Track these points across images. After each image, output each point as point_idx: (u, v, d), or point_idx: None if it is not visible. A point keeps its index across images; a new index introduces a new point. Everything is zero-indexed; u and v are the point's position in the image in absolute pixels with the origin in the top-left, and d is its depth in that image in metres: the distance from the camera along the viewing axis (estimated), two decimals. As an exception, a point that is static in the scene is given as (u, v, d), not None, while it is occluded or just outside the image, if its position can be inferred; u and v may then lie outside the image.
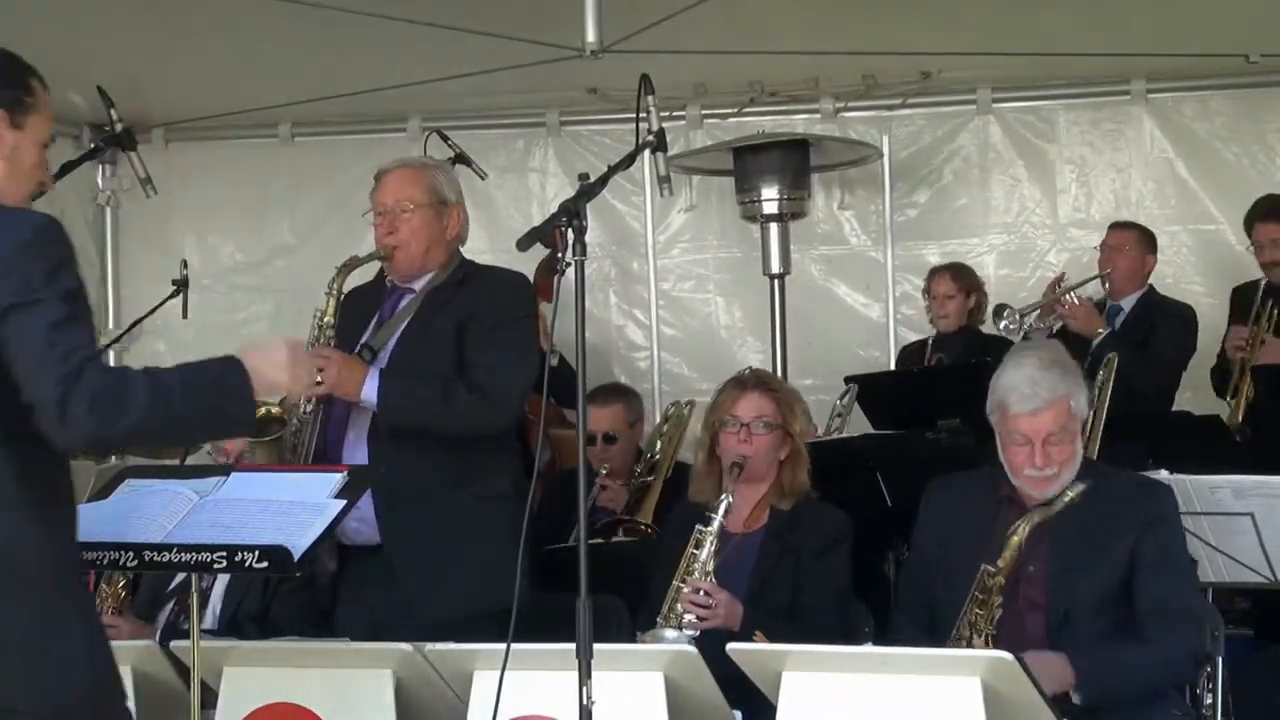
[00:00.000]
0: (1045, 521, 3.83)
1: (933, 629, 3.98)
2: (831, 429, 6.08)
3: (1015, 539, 3.78)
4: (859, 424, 6.11)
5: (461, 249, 4.29)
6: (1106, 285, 6.46)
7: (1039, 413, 3.86)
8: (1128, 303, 6.44)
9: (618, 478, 5.94)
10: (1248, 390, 5.86)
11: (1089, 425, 4.13)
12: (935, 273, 6.76)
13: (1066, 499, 3.77)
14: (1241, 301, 6.25)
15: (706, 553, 4.11)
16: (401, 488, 3.92)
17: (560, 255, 3.19)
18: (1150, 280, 6.51)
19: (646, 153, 3.81)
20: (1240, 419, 5.84)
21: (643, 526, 5.47)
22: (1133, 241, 6.46)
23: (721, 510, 4.15)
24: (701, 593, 4.05)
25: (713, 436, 4.40)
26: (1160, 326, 6.29)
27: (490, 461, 4.02)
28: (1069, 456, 3.87)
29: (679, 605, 4.09)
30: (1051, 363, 3.95)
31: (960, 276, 6.69)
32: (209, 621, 4.56)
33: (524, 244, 3.23)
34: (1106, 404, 5.43)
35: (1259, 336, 5.91)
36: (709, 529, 4.12)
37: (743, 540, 4.30)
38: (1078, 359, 4.35)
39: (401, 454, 3.96)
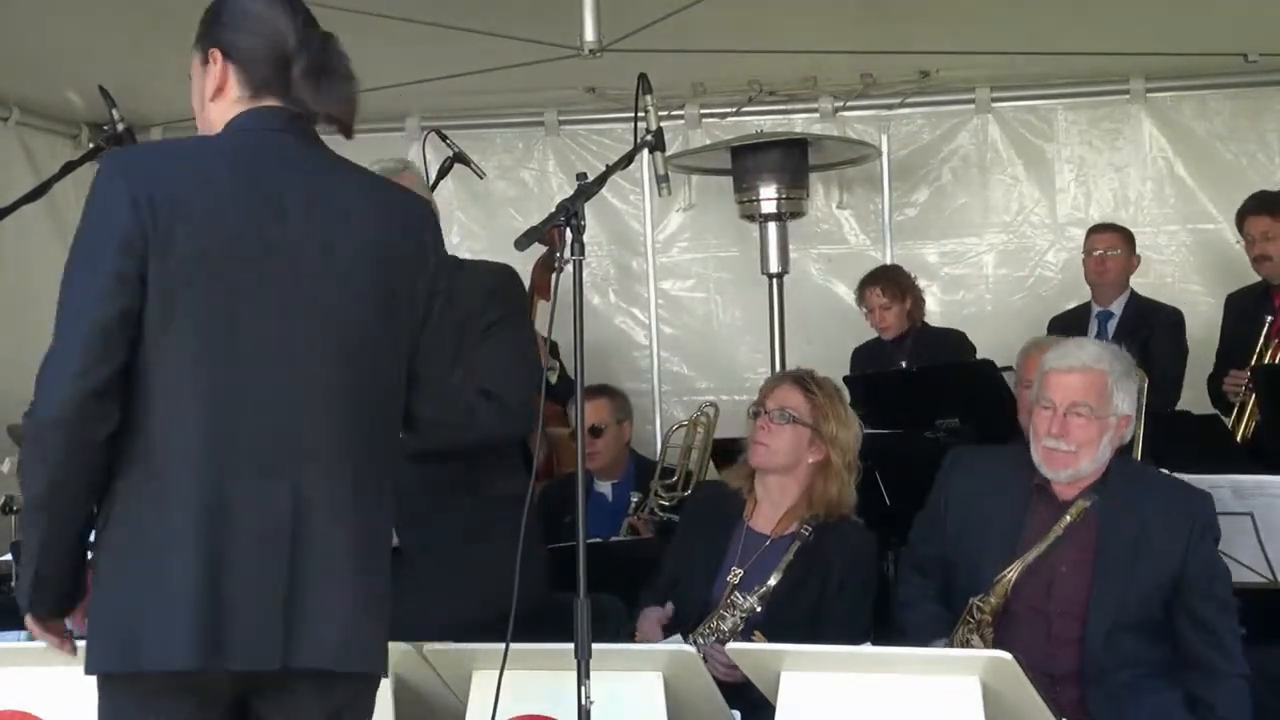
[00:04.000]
0: (1074, 524, 3.80)
1: (945, 598, 3.97)
2: None
3: (1002, 585, 3.75)
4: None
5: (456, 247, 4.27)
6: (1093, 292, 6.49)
7: (1071, 372, 3.82)
8: (1117, 306, 6.45)
9: (609, 477, 5.96)
10: (1250, 412, 5.83)
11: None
12: (865, 286, 6.68)
13: (1066, 522, 3.72)
14: (1235, 309, 6.24)
15: (732, 623, 4.10)
16: (407, 491, 3.86)
17: (559, 254, 3.20)
18: (1136, 279, 6.54)
19: (645, 152, 3.80)
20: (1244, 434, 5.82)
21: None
22: (1122, 243, 6.48)
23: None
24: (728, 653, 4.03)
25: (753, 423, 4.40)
26: (1158, 335, 6.28)
27: (497, 465, 3.96)
28: (1089, 442, 3.79)
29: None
30: (1109, 350, 3.92)
31: (890, 286, 6.62)
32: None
33: (522, 243, 3.23)
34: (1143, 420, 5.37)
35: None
36: (742, 604, 4.10)
37: (771, 545, 4.26)
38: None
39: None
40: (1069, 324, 6.42)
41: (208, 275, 2.57)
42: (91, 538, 2.67)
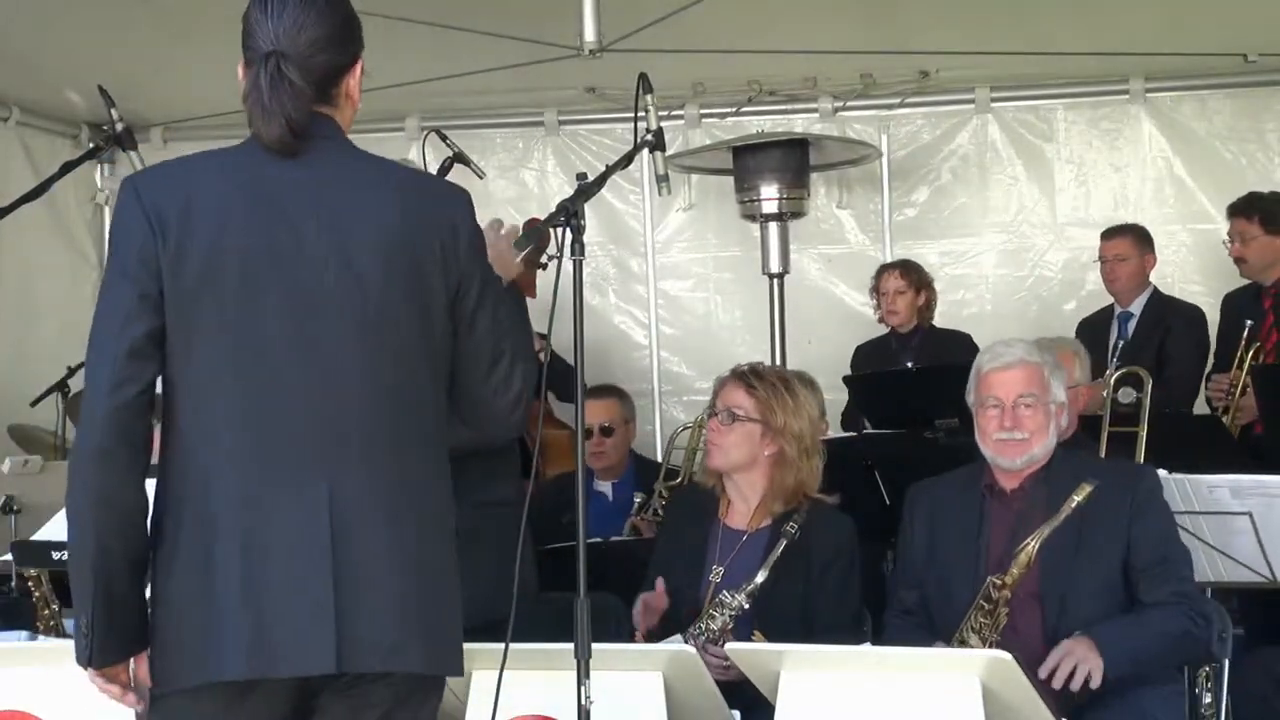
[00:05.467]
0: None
1: (931, 626, 3.98)
2: None
3: (1024, 555, 3.78)
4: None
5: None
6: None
7: (1010, 368, 3.96)
8: (1136, 306, 6.48)
9: (610, 477, 5.96)
10: (1234, 415, 5.84)
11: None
12: (884, 270, 6.77)
13: (1075, 502, 3.77)
14: (1231, 309, 6.26)
15: (721, 621, 4.09)
16: None
17: (558, 253, 3.18)
18: (1151, 276, 6.55)
19: (645, 152, 3.81)
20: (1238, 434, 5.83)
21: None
22: (1130, 247, 6.49)
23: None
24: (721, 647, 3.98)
25: None
26: (1175, 333, 6.30)
27: (487, 466, 3.93)
28: (1040, 428, 3.91)
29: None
30: (1036, 344, 4.06)
31: (909, 273, 6.69)
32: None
33: (521, 243, 3.24)
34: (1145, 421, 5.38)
35: (1240, 382, 5.88)
36: (731, 602, 4.09)
37: (749, 540, 4.28)
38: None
39: None
40: (1095, 325, 6.50)
41: (220, 290, 2.56)
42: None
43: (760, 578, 4.10)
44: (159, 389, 2.62)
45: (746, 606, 4.08)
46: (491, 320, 2.76)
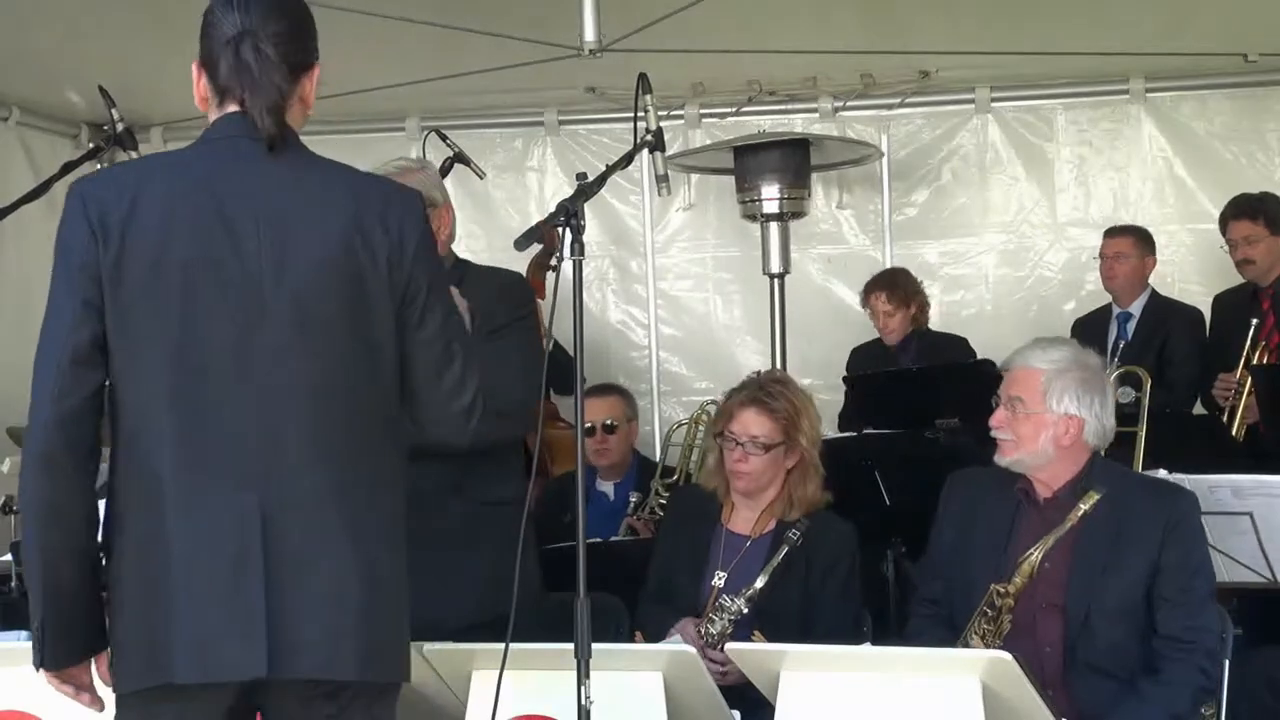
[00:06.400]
0: (1073, 528, 3.81)
1: (950, 621, 3.98)
2: None
3: (1028, 564, 3.77)
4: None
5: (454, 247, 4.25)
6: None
7: (1012, 369, 3.98)
8: (1136, 307, 6.47)
9: (613, 476, 5.96)
10: (1242, 415, 5.84)
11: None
12: (869, 292, 6.72)
13: (1081, 511, 3.76)
14: (1224, 309, 6.26)
15: (721, 625, 4.10)
16: None
17: (558, 253, 3.19)
18: (1150, 277, 6.55)
19: (645, 152, 3.80)
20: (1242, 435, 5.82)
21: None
22: (1131, 246, 6.49)
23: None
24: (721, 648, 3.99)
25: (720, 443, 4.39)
26: (1176, 335, 6.29)
27: (492, 465, 3.93)
28: (1027, 437, 3.87)
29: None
30: (1062, 353, 3.95)
31: (895, 293, 6.65)
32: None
33: (521, 244, 3.23)
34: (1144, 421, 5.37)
35: (1246, 381, 5.88)
36: (730, 606, 4.10)
37: (753, 546, 4.28)
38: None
39: None
40: (1092, 325, 6.47)
41: (160, 300, 2.58)
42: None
43: (760, 583, 4.10)
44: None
45: (745, 611, 4.08)
46: (441, 323, 2.75)
